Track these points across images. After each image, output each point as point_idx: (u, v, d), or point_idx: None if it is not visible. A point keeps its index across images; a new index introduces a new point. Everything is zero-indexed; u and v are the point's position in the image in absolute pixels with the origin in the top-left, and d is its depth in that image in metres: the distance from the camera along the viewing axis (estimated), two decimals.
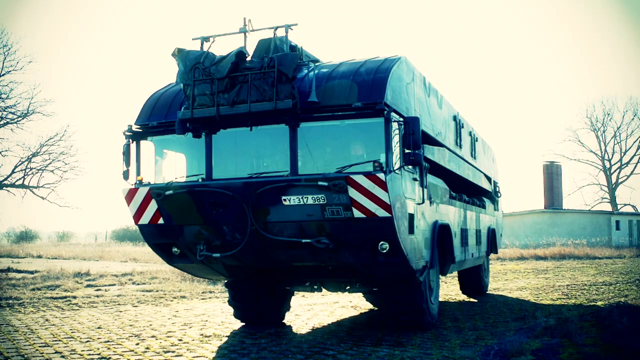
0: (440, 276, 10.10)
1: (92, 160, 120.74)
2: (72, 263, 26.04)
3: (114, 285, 16.67)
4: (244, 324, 9.60)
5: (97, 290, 15.42)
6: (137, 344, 7.99)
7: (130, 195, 8.12)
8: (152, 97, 8.57)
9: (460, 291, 14.38)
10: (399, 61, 7.80)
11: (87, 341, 8.20)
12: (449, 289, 15.47)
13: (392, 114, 7.24)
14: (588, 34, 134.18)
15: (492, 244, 14.82)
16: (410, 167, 7.80)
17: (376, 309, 11.37)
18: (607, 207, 57.71)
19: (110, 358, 7.10)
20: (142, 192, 8.01)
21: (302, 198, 7.21)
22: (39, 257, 32.61)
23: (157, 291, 14.92)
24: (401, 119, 7.46)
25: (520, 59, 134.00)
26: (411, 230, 7.72)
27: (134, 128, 8.32)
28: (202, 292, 14.53)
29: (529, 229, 45.92)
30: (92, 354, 7.32)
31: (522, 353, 7.03)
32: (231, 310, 10.47)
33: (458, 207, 11.07)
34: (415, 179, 8.07)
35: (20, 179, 43.58)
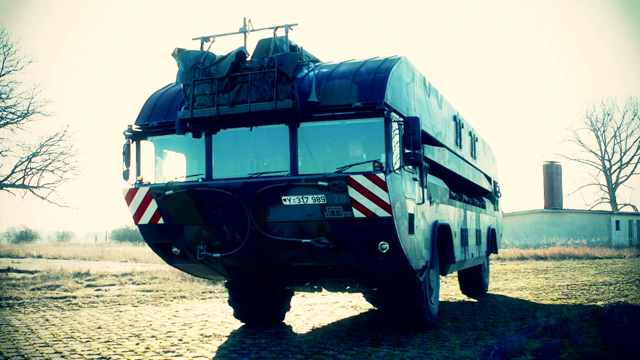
0: (440, 276, 10.10)
1: (92, 160, 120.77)
2: (72, 263, 26.04)
3: (114, 285, 16.67)
4: (244, 324, 9.60)
5: (97, 290, 15.42)
6: (137, 344, 7.99)
7: (130, 195, 8.12)
8: (152, 97, 8.58)
9: (460, 291, 14.38)
10: (399, 61, 7.80)
11: (87, 341, 8.20)
12: (449, 289, 15.46)
13: (392, 114, 7.24)
14: (588, 34, 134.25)
15: (492, 244, 14.82)
16: (410, 167, 7.80)
17: (376, 309, 11.38)
18: (607, 207, 57.73)
19: (110, 358, 7.10)
20: (142, 192, 8.01)
21: (302, 198, 7.21)
22: (39, 257, 32.61)
23: (157, 291, 14.92)
24: (401, 119, 7.46)
25: (520, 59, 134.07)
26: (411, 230, 7.72)
27: (134, 128, 8.33)
28: (202, 292, 14.53)
29: (529, 229, 45.91)
30: (92, 354, 7.32)
31: (522, 353, 7.03)
32: (231, 310, 10.47)
33: (458, 207, 11.07)
34: (415, 179, 8.07)
35: (20, 179, 43.57)
